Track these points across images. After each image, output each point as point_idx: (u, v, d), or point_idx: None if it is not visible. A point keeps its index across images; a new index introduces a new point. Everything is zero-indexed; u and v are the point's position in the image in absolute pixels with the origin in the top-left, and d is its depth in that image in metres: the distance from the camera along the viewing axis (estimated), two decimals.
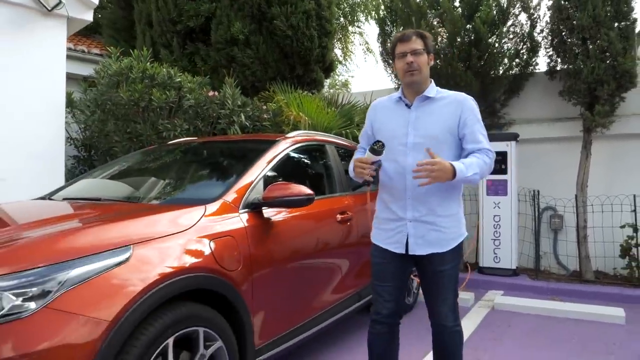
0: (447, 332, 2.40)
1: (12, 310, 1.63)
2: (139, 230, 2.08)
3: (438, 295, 2.39)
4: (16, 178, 4.52)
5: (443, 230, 2.34)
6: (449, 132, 2.34)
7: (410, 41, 2.35)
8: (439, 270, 2.36)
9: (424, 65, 2.36)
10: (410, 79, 2.35)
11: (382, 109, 2.55)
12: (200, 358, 2.14)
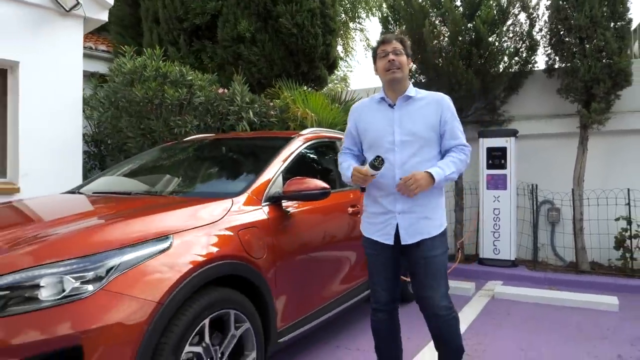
0: (442, 319, 2.49)
1: (72, 291, 1.83)
2: (176, 221, 2.28)
3: (431, 281, 2.49)
4: (38, 173, 4.71)
5: (430, 217, 2.50)
6: (432, 129, 2.50)
7: (391, 43, 2.53)
8: (431, 256, 2.48)
9: (404, 65, 2.52)
10: (392, 75, 2.49)
11: (365, 109, 2.68)
12: (231, 338, 2.35)
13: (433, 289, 2.48)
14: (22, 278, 1.81)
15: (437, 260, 2.49)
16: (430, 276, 2.49)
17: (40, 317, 1.76)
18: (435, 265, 2.49)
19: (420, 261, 2.50)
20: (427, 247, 2.48)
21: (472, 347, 3.60)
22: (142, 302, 1.92)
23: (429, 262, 2.48)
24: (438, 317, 2.48)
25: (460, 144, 2.54)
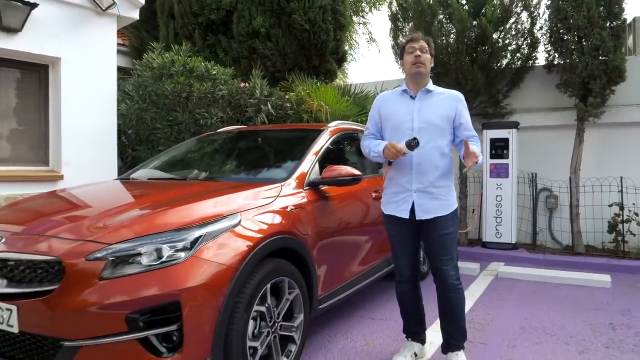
0: (451, 289, 2.88)
1: (168, 258, 2.23)
2: (240, 202, 2.69)
3: (443, 255, 2.87)
4: (78, 162, 5.09)
5: (441, 198, 2.87)
6: (447, 120, 2.89)
7: (419, 41, 2.91)
8: (444, 234, 2.87)
9: (427, 62, 2.91)
10: (417, 70, 2.87)
11: (389, 99, 3.07)
12: (285, 301, 2.76)
13: (445, 261, 2.88)
14: (128, 247, 2.21)
15: (449, 237, 2.89)
16: (443, 251, 2.88)
17: (145, 278, 2.16)
18: (447, 242, 2.89)
19: (435, 238, 2.89)
20: (440, 225, 2.87)
21: (481, 317, 4.05)
22: (223, 267, 2.33)
23: (443, 239, 2.87)
24: (449, 284, 2.87)
25: (474, 135, 2.91)
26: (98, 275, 2.13)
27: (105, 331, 2.10)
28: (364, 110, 7.45)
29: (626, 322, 3.94)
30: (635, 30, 9.31)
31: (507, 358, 3.20)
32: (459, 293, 2.92)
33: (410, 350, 3.11)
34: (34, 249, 2.26)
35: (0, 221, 2.66)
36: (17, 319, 2.18)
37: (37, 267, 2.23)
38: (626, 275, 5.56)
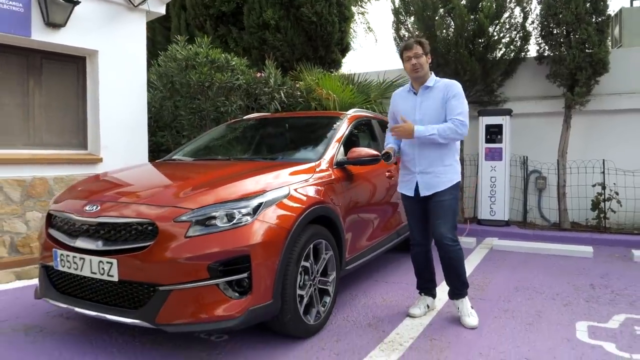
0: (447, 248, 3.37)
1: (239, 221, 2.77)
2: (286, 177, 3.23)
3: (439, 217, 3.38)
4: (114, 146, 5.57)
5: (439, 176, 3.41)
6: (441, 108, 3.41)
7: (412, 49, 3.41)
8: (439, 200, 3.40)
9: (424, 63, 3.42)
10: (415, 74, 3.43)
11: (399, 97, 3.66)
12: (322, 260, 3.31)
13: (441, 225, 3.37)
14: (207, 212, 2.74)
15: (444, 203, 3.39)
16: (439, 215, 3.39)
17: (221, 236, 2.71)
18: (443, 207, 3.38)
19: (432, 205, 3.43)
20: (437, 195, 3.42)
21: (480, 280, 4.66)
22: (280, 228, 2.88)
23: (438, 204, 3.40)
24: (445, 245, 3.35)
25: (455, 117, 3.32)
26: (184, 234, 2.67)
27: (191, 278, 2.64)
28: (368, 98, 8.00)
29: (604, 283, 4.57)
30: (621, 21, 9.88)
31: (504, 309, 3.80)
32: (456, 252, 3.41)
33: (424, 303, 3.70)
34: (130, 214, 2.78)
35: (88, 193, 3.18)
36: (117, 270, 2.71)
37: (132, 228, 2.76)
38: (606, 248, 6.21)
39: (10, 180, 4.77)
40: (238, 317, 2.67)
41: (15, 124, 5.05)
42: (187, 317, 2.64)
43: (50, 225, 3.20)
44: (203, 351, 2.99)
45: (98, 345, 3.07)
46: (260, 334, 3.19)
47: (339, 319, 3.57)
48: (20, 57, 5.09)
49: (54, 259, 3.00)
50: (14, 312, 3.73)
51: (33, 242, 4.93)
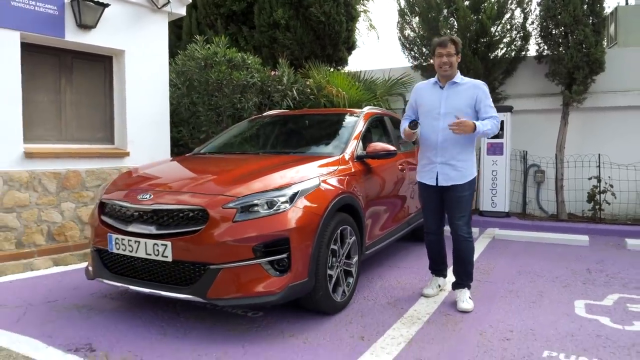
0: (462, 240, 3.73)
1: (278, 208, 3.12)
2: (316, 169, 3.58)
3: (457, 212, 3.72)
4: (140, 140, 5.90)
5: (460, 169, 3.69)
6: (469, 106, 3.67)
7: (446, 47, 3.64)
8: (459, 196, 3.72)
9: (454, 62, 3.69)
10: (444, 72, 3.68)
11: (423, 89, 3.90)
12: (347, 245, 3.66)
13: (459, 217, 3.73)
14: (250, 199, 3.09)
15: (464, 198, 3.72)
16: (459, 209, 3.73)
17: (264, 221, 3.05)
18: (462, 203, 3.73)
19: (453, 199, 3.75)
20: (457, 190, 3.72)
21: (485, 265, 5.04)
22: (313, 214, 3.23)
23: (458, 199, 3.72)
24: (460, 237, 3.73)
25: (492, 116, 3.65)
26: (232, 219, 3.02)
27: (238, 257, 2.99)
28: (375, 95, 8.34)
29: (599, 268, 4.96)
30: (616, 19, 10.24)
31: (509, 290, 4.18)
32: (469, 244, 3.77)
33: (435, 283, 4.06)
34: (182, 201, 3.13)
35: (138, 184, 3.52)
36: (171, 251, 3.06)
37: (184, 214, 3.11)
38: (602, 237, 6.61)
39: (47, 173, 5.10)
40: (279, 293, 3.03)
41: (49, 120, 5.36)
42: (234, 293, 3.00)
43: (102, 212, 3.54)
44: (242, 325, 3.34)
45: (147, 320, 3.42)
46: (292, 311, 3.55)
47: (360, 298, 3.93)
48: (53, 57, 5.39)
49: (108, 242, 3.34)
50: (60, 294, 4.06)
51: (68, 231, 5.26)
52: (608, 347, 2.96)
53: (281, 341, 3.06)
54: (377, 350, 2.91)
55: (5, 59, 4.79)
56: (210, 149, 4.74)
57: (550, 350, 2.90)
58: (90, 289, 4.16)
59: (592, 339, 3.08)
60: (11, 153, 4.85)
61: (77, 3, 5.20)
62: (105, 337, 3.12)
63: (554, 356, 2.82)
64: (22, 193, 4.92)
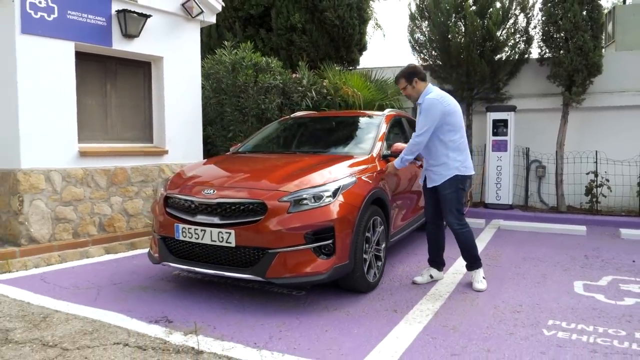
0: (456, 231, 4.26)
1: (323, 201, 3.67)
2: (352, 167, 4.13)
3: (445, 208, 4.26)
4: (176, 139, 6.44)
5: (436, 173, 4.24)
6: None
7: (399, 82, 4.31)
8: (443, 194, 4.26)
9: (411, 93, 4.27)
10: (409, 99, 4.37)
11: None
12: (377, 233, 4.22)
13: (447, 213, 4.26)
14: (301, 194, 3.64)
15: (447, 196, 4.21)
16: (444, 206, 4.26)
17: (313, 212, 3.61)
18: (445, 199, 4.23)
19: (440, 198, 4.29)
20: (441, 188, 4.26)
21: (493, 252, 5.61)
22: (353, 206, 3.79)
23: (442, 197, 4.26)
24: (454, 229, 4.25)
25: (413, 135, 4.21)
26: (286, 211, 3.57)
27: (292, 243, 3.55)
28: (386, 95, 8.87)
29: (596, 255, 5.54)
30: (614, 18, 10.75)
31: (516, 273, 4.76)
32: (464, 234, 4.25)
33: (428, 273, 4.52)
34: (244, 196, 3.68)
35: (200, 180, 4.07)
36: (234, 238, 3.61)
37: (245, 206, 3.66)
38: (598, 227, 7.19)
39: (98, 170, 5.64)
40: (325, 273, 3.59)
41: (97, 121, 5.90)
42: (289, 273, 3.56)
43: (166, 205, 4.08)
44: (290, 302, 3.90)
45: (207, 298, 3.98)
46: (331, 291, 4.11)
47: (387, 280, 4.50)
48: (100, 64, 5.92)
49: (175, 231, 3.89)
50: (122, 278, 4.62)
51: (116, 222, 5.81)
52: (602, 317, 3.54)
53: (327, 314, 3.63)
54: (409, 320, 3.48)
55: (62, 68, 5.31)
56: (248, 148, 5.28)
57: (554, 320, 3.47)
58: (147, 273, 4.72)
59: (589, 311, 3.66)
60: (68, 152, 5.39)
61: (123, 15, 5.72)
62: (176, 311, 3.68)
63: (557, 324, 3.39)
64: (78, 188, 5.46)
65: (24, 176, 5.03)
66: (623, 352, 2.93)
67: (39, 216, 5.15)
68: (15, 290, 4.20)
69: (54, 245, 5.21)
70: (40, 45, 5.11)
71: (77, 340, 3.14)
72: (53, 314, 3.62)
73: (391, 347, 3.00)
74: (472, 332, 3.26)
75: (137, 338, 3.17)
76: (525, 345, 3.04)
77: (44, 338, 3.17)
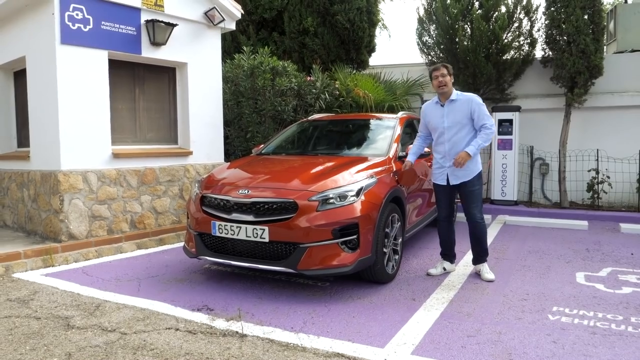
0: (476, 223, 4.63)
1: (348, 200, 4.04)
2: (372, 168, 4.50)
3: (471, 203, 4.63)
4: (200, 140, 6.82)
5: (466, 169, 4.55)
6: (466, 117, 4.54)
7: (440, 70, 4.56)
8: (470, 190, 4.63)
9: (449, 82, 4.58)
10: (442, 91, 4.58)
11: (428, 108, 4.79)
12: (394, 229, 4.59)
13: (473, 208, 4.63)
14: (327, 194, 4.01)
15: (474, 192, 4.62)
16: (472, 201, 4.63)
17: (339, 210, 3.98)
18: (473, 194, 4.63)
19: (466, 194, 4.64)
20: (468, 186, 4.62)
21: (500, 246, 5.99)
22: (374, 204, 4.16)
23: (470, 193, 4.63)
24: (475, 222, 4.65)
25: (484, 124, 4.49)
26: (315, 209, 3.95)
27: (320, 238, 3.92)
28: (396, 96, 9.22)
29: (597, 248, 5.91)
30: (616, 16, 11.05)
31: (522, 265, 5.13)
32: (482, 226, 4.67)
33: (441, 265, 4.89)
34: (276, 195, 4.05)
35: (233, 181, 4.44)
36: (268, 234, 3.99)
37: (278, 205, 4.03)
38: (599, 222, 7.56)
39: (130, 171, 6.02)
40: (350, 265, 3.97)
41: (127, 124, 6.28)
42: (318, 265, 3.94)
43: (202, 204, 4.46)
44: (318, 292, 4.28)
45: (241, 289, 4.36)
46: (353, 282, 4.49)
47: (403, 272, 4.88)
48: (129, 70, 6.28)
49: (212, 228, 4.27)
50: (158, 271, 5.00)
51: (146, 220, 6.20)
52: (602, 304, 3.91)
53: (353, 302, 4.01)
54: (427, 307, 3.86)
55: (97, 75, 5.69)
56: (270, 149, 5.65)
57: (558, 306, 3.85)
58: (180, 267, 5.11)
59: (590, 299, 4.03)
60: (103, 154, 5.77)
61: (151, 24, 6.08)
62: (215, 301, 4.06)
63: (561, 310, 3.77)
64: (112, 188, 5.85)
65: (64, 177, 5.41)
66: (619, 334, 3.30)
67: (77, 214, 5.53)
68: (63, 283, 4.59)
69: (91, 241, 5.59)
70: (77, 54, 5.48)
71: (132, 325, 3.52)
72: (104, 304, 4.00)
73: (413, 330, 3.38)
74: (485, 317, 3.64)
75: (185, 324, 3.55)
76: (533, 328, 3.41)
77: (102, 324, 3.56)
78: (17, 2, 5.62)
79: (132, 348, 3.12)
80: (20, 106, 6.59)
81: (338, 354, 3.01)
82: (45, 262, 5.13)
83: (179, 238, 6.29)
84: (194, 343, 3.20)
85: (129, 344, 3.19)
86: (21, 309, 3.88)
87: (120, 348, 3.13)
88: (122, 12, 5.85)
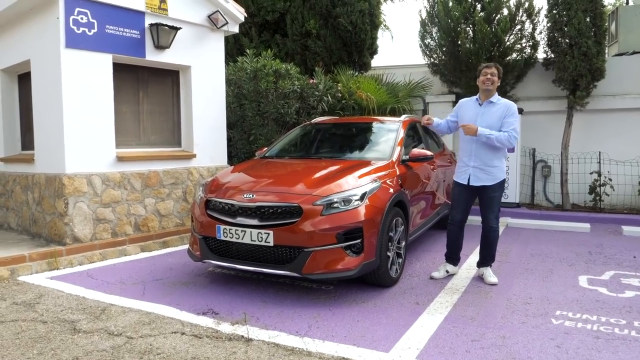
0: (490, 228, 4.65)
1: (352, 204, 4.05)
2: (376, 172, 4.52)
3: (489, 208, 4.67)
4: (203, 143, 6.84)
5: (490, 173, 4.59)
6: (499, 121, 4.55)
7: (491, 68, 4.58)
8: (491, 196, 4.67)
9: (495, 82, 4.59)
10: (486, 87, 4.57)
11: (465, 104, 4.79)
12: (398, 232, 4.61)
13: (489, 212, 4.65)
14: (331, 198, 4.03)
15: (494, 198, 4.63)
16: (490, 207, 4.65)
17: (343, 215, 4.00)
18: (492, 201, 4.63)
19: (486, 199, 4.66)
20: (489, 191, 4.62)
21: (503, 249, 6.00)
22: (378, 208, 4.18)
23: (490, 198, 4.64)
24: (490, 227, 4.67)
25: (509, 129, 4.49)
26: (320, 213, 3.97)
27: (325, 242, 3.94)
28: (398, 98, 9.24)
29: (599, 251, 5.93)
30: (617, 18, 11.06)
31: (525, 268, 5.15)
32: (496, 232, 4.71)
33: (444, 268, 4.90)
34: (281, 200, 4.07)
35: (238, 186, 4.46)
36: (273, 238, 4.01)
37: (282, 209, 4.05)
38: (601, 224, 7.58)
39: (134, 174, 6.05)
40: (355, 269, 3.99)
41: (131, 127, 6.30)
42: (322, 269, 3.96)
43: (207, 208, 4.48)
44: (322, 296, 4.30)
45: (246, 292, 4.39)
46: (356, 286, 4.51)
47: (406, 275, 4.90)
48: (133, 74, 6.31)
49: (217, 231, 4.29)
50: (162, 274, 5.02)
51: (150, 222, 6.23)
52: (604, 308, 3.93)
53: (357, 306, 4.03)
54: (431, 311, 3.88)
55: (102, 78, 5.71)
56: (274, 153, 5.67)
57: (561, 310, 3.87)
58: (184, 270, 5.13)
59: (593, 303, 4.05)
60: (107, 157, 5.80)
61: (155, 28, 6.11)
62: (220, 304, 4.08)
63: (564, 314, 3.79)
64: (116, 191, 5.87)
65: (68, 180, 5.44)
66: (623, 338, 3.32)
67: (81, 217, 5.56)
68: (68, 286, 4.61)
69: (96, 244, 5.62)
70: (82, 58, 5.51)
71: (138, 329, 3.55)
72: (109, 307, 4.02)
73: (418, 334, 3.40)
74: (489, 321, 3.66)
75: (191, 328, 3.58)
76: (536, 332, 3.43)
77: (108, 328, 3.58)
78: (21, 5, 5.65)
79: (138, 352, 3.15)
80: (25, 109, 6.62)
81: (344, 359, 3.03)
82: (50, 265, 5.15)
83: (182, 241, 6.32)
84: (200, 347, 3.22)
85: (136, 348, 3.21)
86: (27, 312, 3.90)
87: (127, 352, 3.15)
88: (126, 15, 5.88)
